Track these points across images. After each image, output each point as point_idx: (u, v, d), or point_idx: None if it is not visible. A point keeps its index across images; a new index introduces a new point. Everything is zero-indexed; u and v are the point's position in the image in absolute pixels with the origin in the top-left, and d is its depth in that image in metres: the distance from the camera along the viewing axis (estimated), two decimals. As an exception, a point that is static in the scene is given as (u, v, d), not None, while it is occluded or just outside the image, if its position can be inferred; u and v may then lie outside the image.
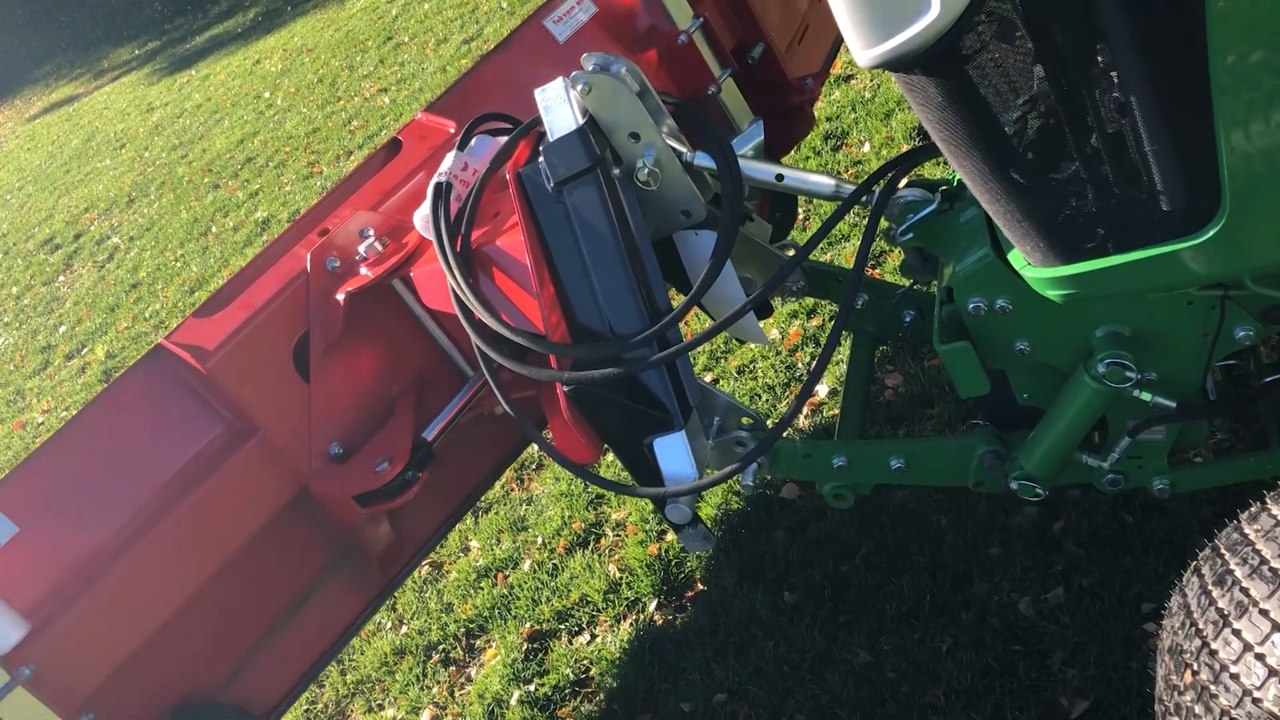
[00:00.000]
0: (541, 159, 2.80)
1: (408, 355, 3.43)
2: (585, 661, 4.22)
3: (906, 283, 3.43)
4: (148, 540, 2.93)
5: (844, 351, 3.74)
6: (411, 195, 3.43)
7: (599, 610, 4.37)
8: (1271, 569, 2.07)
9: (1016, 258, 2.57)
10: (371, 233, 3.26)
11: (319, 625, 3.39)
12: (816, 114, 6.26)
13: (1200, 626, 2.18)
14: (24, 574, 2.81)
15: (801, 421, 4.55)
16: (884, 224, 3.01)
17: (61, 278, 12.15)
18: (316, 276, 3.20)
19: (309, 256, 3.20)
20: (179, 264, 10.54)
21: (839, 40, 4.56)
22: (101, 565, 2.88)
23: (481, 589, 4.82)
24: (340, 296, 3.18)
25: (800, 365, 4.83)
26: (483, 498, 4.75)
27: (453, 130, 3.53)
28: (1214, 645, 2.12)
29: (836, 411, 3.60)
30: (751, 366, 4.98)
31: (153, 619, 2.96)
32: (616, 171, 2.87)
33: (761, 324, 3.89)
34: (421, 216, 3.09)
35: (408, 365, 3.42)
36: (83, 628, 2.82)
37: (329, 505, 3.20)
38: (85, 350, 9.88)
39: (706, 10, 3.72)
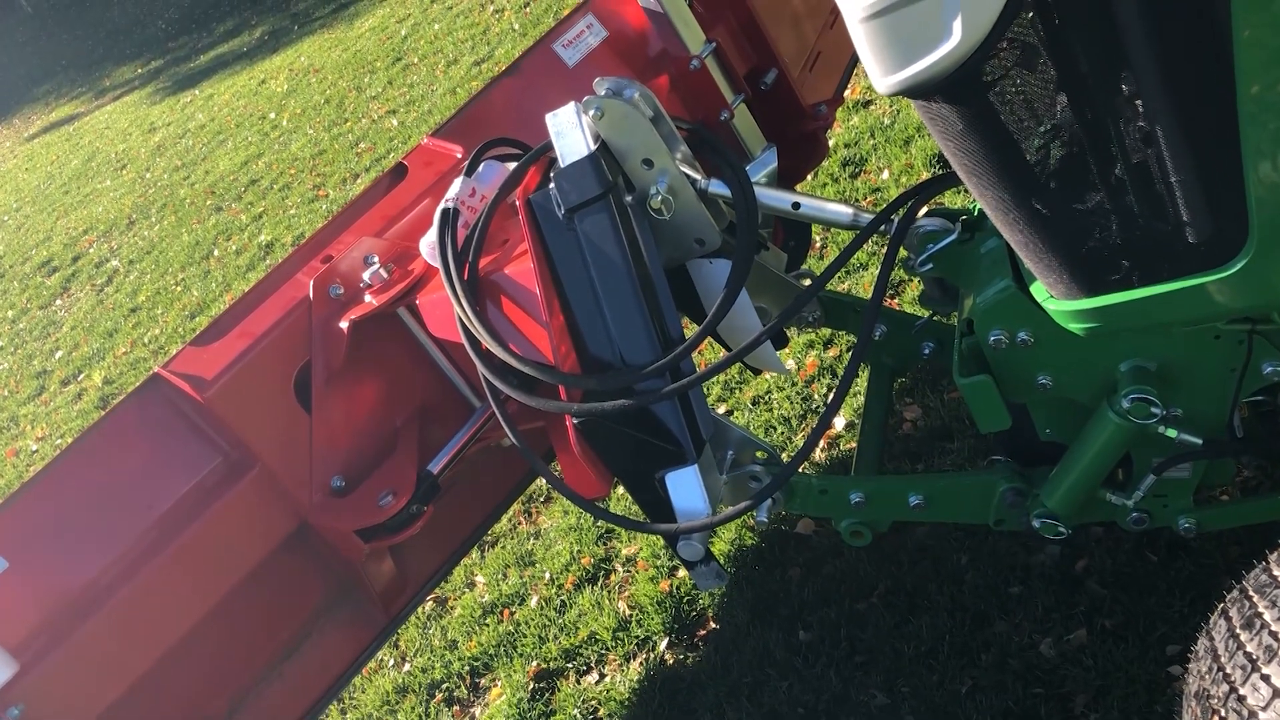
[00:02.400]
0: (552, 185, 2.81)
1: (412, 385, 3.43)
2: (593, 702, 4.21)
3: (926, 314, 3.44)
4: (142, 576, 2.93)
5: (861, 383, 3.73)
6: (417, 221, 3.44)
7: (608, 649, 4.37)
8: (1301, 612, 2.07)
9: (1039, 289, 2.58)
10: (376, 259, 3.27)
11: (318, 666, 3.38)
12: (834, 140, 6.29)
13: (1228, 671, 2.17)
14: (13, 611, 2.81)
15: (817, 455, 4.55)
16: (903, 253, 3.02)
17: (59, 301, 12.19)
18: (320, 304, 3.21)
19: (311, 284, 3.21)
20: (180, 288, 10.57)
21: (852, 67, 4.62)
22: (93, 602, 2.88)
23: (487, 626, 4.81)
24: (344, 324, 3.19)
25: (817, 397, 4.83)
26: (489, 531, 4.75)
27: (459, 155, 3.55)
28: (1242, 691, 2.12)
29: (853, 445, 3.59)
30: (767, 398, 4.98)
31: (146, 658, 2.95)
32: (629, 199, 2.88)
33: (777, 354, 3.89)
34: (428, 243, 3.10)
35: (412, 396, 3.43)
36: (73, 667, 2.81)
37: (330, 538, 3.20)
38: (82, 376, 9.90)
39: (719, 35, 3.78)
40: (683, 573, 4.39)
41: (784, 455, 3.22)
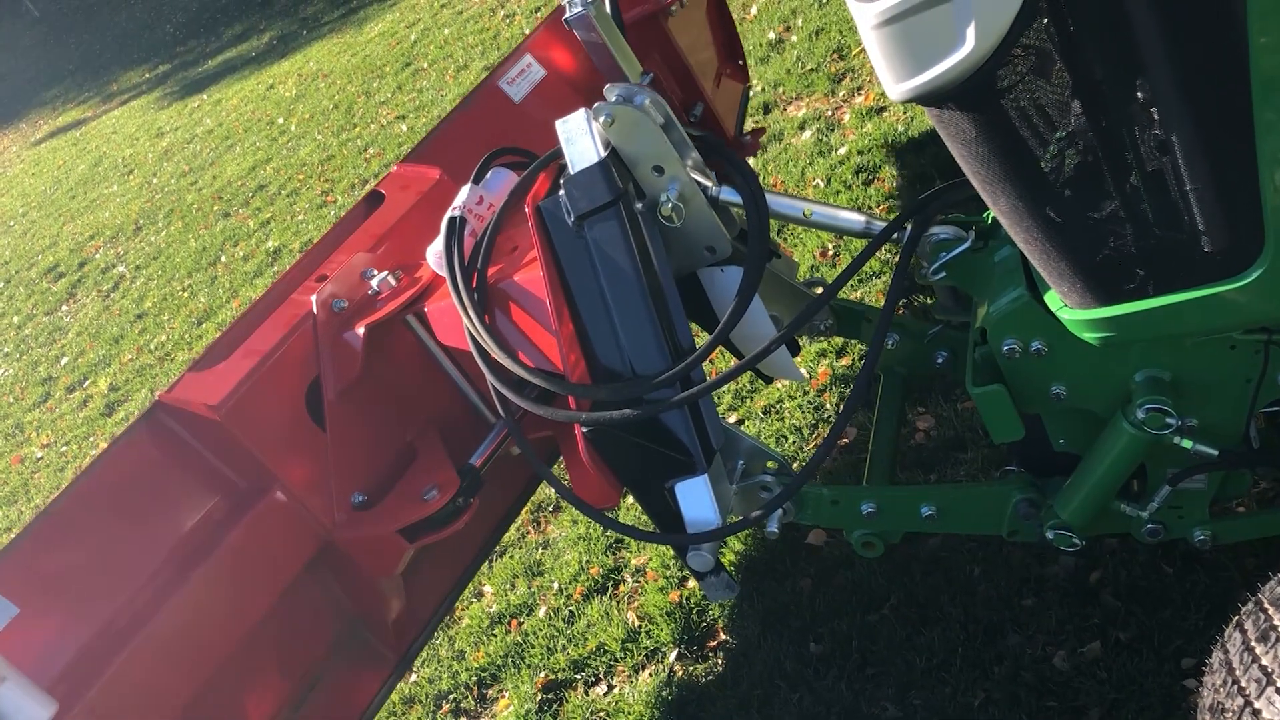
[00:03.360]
0: (562, 192, 2.81)
1: (425, 393, 3.43)
2: (602, 713, 4.21)
3: (938, 323, 3.44)
4: (172, 604, 2.87)
5: (874, 393, 3.73)
6: (408, 237, 3.46)
7: (617, 660, 4.37)
8: (1316, 625, 2.06)
9: (1053, 299, 2.58)
10: (375, 272, 3.29)
11: (340, 706, 3.36)
12: (847, 148, 6.31)
13: (1243, 684, 2.17)
14: (40, 652, 2.75)
15: (829, 465, 4.55)
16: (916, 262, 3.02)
17: (65, 307, 12.22)
18: (325, 319, 3.21)
19: (314, 299, 3.21)
20: (186, 294, 10.59)
21: (743, 113, 5.10)
22: (123, 637, 2.82)
23: (495, 636, 4.81)
24: (360, 330, 3.19)
25: (828, 406, 4.83)
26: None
27: (439, 175, 3.60)
28: (1257, 704, 2.12)
29: (865, 455, 3.59)
30: (778, 407, 4.98)
31: (185, 689, 2.91)
32: (639, 206, 2.88)
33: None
34: (435, 252, 3.10)
35: (423, 405, 3.43)
36: (110, 706, 2.76)
37: (359, 554, 3.17)
38: (88, 382, 9.92)
39: (654, 67, 4.05)
40: (692, 583, 4.40)
41: (795, 465, 3.21)
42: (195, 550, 2.98)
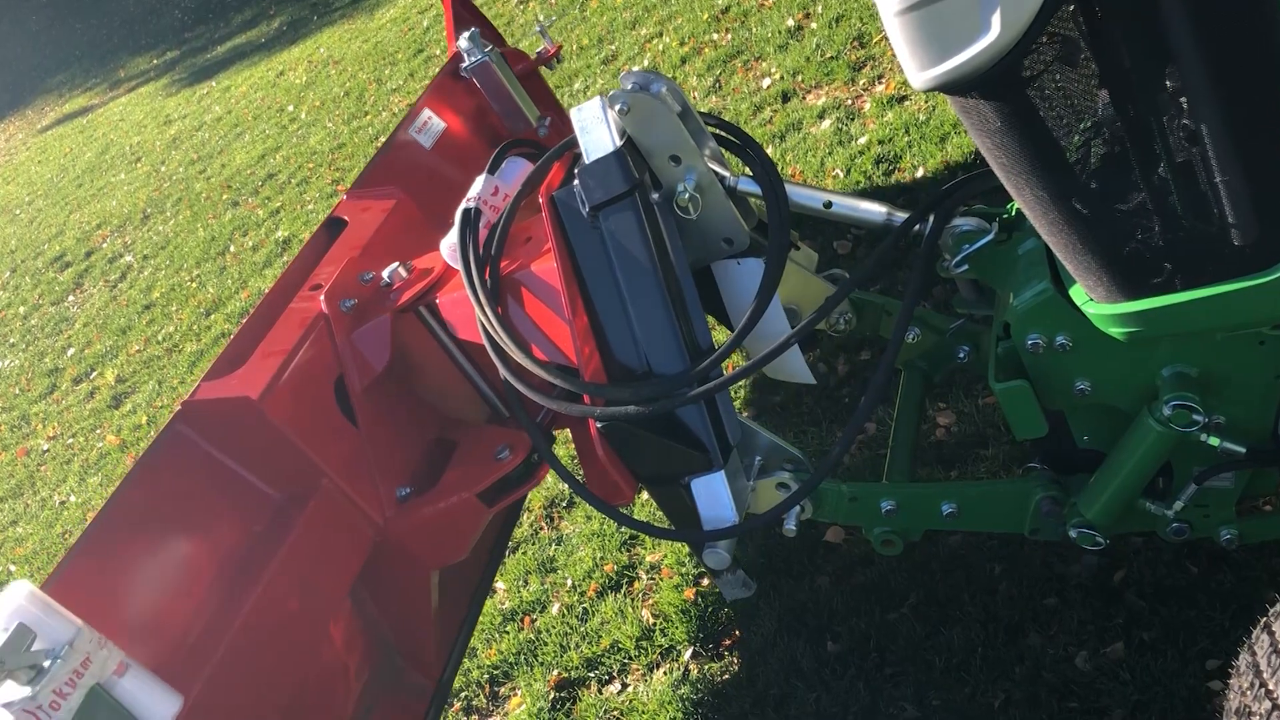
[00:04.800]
0: (576, 182, 2.80)
1: (448, 383, 3.45)
2: (615, 712, 4.21)
3: (960, 316, 3.43)
4: (253, 601, 2.82)
5: (894, 388, 3.72)
6: (386, 243, 3.51)
7: (631, 658, 4.37)
8: (1347, 627, 2.06)
9: (1078, 292, 2.57)
10: (370, 274, 3.30)
11: None
12: (868, 137, 6.30)
13: (1270, 687, 2.17)
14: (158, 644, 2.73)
15: (847, 460, 4.54)
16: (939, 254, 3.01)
17: (71, 297, 12.25)
18: (337, 318, 3.21)
19: (323, 299, 3.21)
20: (195, 285, 10.61)
21: None
22: (218, 634, 2.78)
23: (507, 633, 4.82)
24: (387, 316, 3.19)
25: (847, 401, 4.82)
26: (510, 537, 4.75)
27: (398, 197, 3.70)
28: (1285, 708, 2.11)
29: (884, 451, 3.59)
30: (796, 402, 4.98)
31: (289, 680, 2.90)
32: (655, 196, 2.87)
33: (808, 357, 3.89)
34: (449, 245, 3.10)
35: (450, 395, 3.44)
36: (217, 703, 2.72)
37: (418, 544, 3.16)
38: (94, 374, 9.94)
39: (549, 113, 4.44)
40: (708, 580, 4.40)
41: (813, 461, 3.20)
42: (254, 557, 2.94)
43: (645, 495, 4.48)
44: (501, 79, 4.26)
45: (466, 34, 4.30)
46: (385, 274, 3.27)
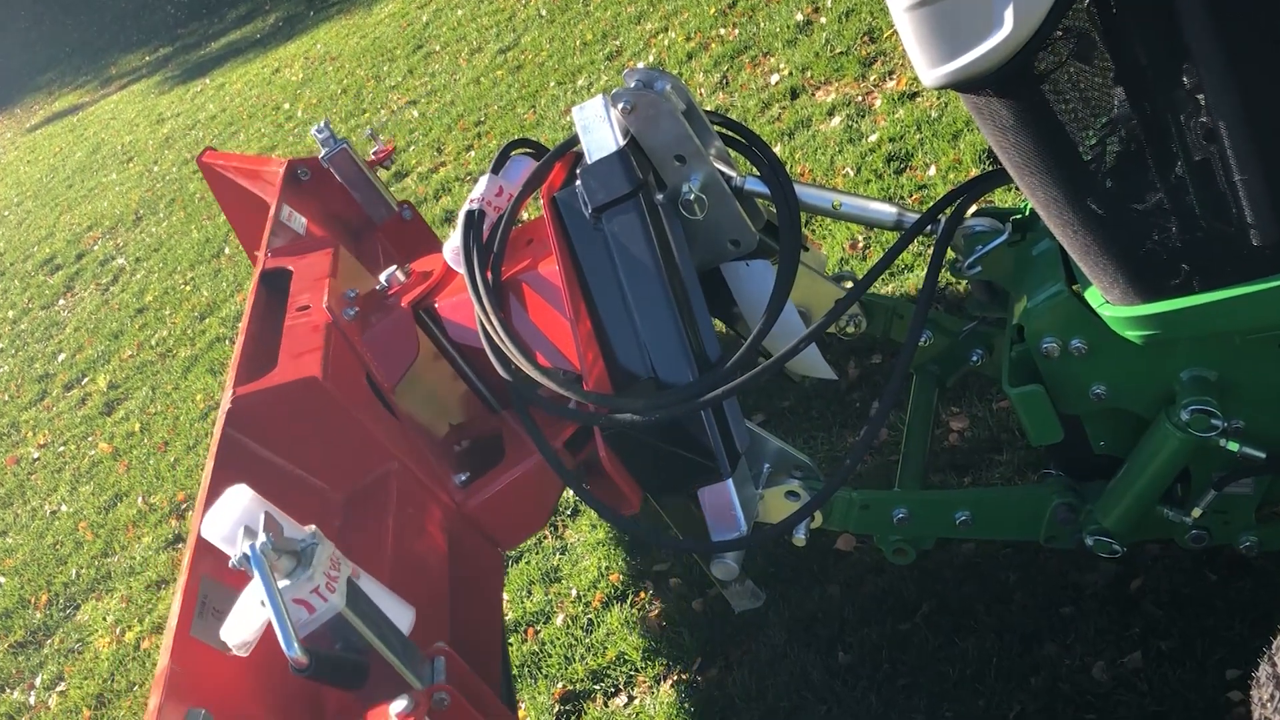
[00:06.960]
0: (578, 183, 2.80)
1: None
2: (621, 725, 4.22)
3: (973, 319, 3.44)
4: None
5: (905, 392, 3.72)
6: (349, 273, 3.53)
7: (637, 670, 4.37)
8: (1369, 637, 2.06)
9: (1093, 294, 2.57)
10: (355, 292, 3.32)
11: None
12: (878, 135, 6.30)
13: (1291, 699, 2.17)
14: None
15: (858, 467, 4.53)
16: (951, 255, 3.01)
17: (62, 301, 12.25)
18: (345, 325, 3.21)
19: (326, 307, 3.21)
20: (189, 288, 10.61)
21: None
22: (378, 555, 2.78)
23: (510, 645, 4.81)
24: (407, 309, 3.21)
25: (858, 405, 4.82)
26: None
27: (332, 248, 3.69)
28: (1306, 720, 2.11)
29: (896, 457, 3.59)
30: (805, 406, 4.98)
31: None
32: (660, 197, 2.87)
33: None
34: (452, 248, 3.10)
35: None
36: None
37: (494, 523, 3.17)
38: (86, 380, 9.94)
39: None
40: (716, 591, 4.40)
41: (823, 467, 3.21)
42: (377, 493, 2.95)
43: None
44: (360, 165, 4.38)
45: (318, 125, 4.39)
46: (383, 278, 3.28)
